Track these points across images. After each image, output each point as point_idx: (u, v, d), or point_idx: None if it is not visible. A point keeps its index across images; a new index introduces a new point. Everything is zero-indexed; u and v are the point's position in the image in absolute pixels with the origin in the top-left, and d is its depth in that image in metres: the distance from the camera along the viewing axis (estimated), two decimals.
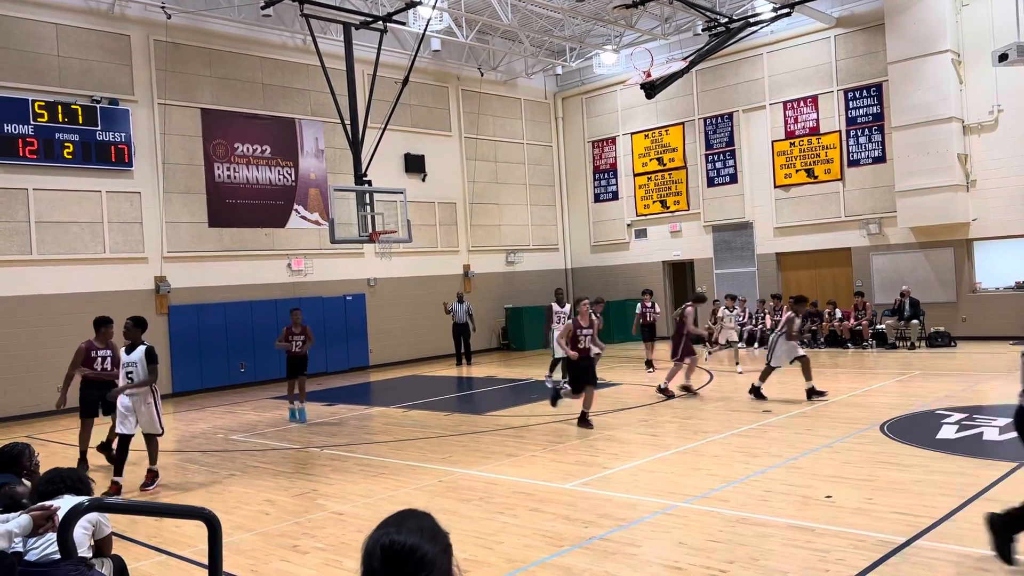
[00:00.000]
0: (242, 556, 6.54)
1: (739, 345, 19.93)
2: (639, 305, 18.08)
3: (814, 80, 21.72)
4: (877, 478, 7.72)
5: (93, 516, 4.43)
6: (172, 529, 7.41)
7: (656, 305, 18.40)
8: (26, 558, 4.08)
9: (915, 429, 9.95)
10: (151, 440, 9.40)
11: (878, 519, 6.45)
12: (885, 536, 6.03)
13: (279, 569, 6.24)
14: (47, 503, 3.97)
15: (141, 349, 9.28)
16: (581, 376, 11.43)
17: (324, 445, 11.25)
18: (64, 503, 3.90)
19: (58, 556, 3.86)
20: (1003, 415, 10.35)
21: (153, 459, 9.41)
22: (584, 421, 11.27)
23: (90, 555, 4.40)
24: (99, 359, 10.68)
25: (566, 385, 12.11)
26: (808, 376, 12.60)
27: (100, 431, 11.20)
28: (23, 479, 5.30)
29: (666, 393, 13.57)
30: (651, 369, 17.30)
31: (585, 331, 11.36)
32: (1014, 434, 9.19)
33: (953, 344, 18.47)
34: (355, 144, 16.72)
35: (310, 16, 16.79)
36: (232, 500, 8.47)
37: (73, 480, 4.52)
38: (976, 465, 8.02)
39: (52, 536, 3.83)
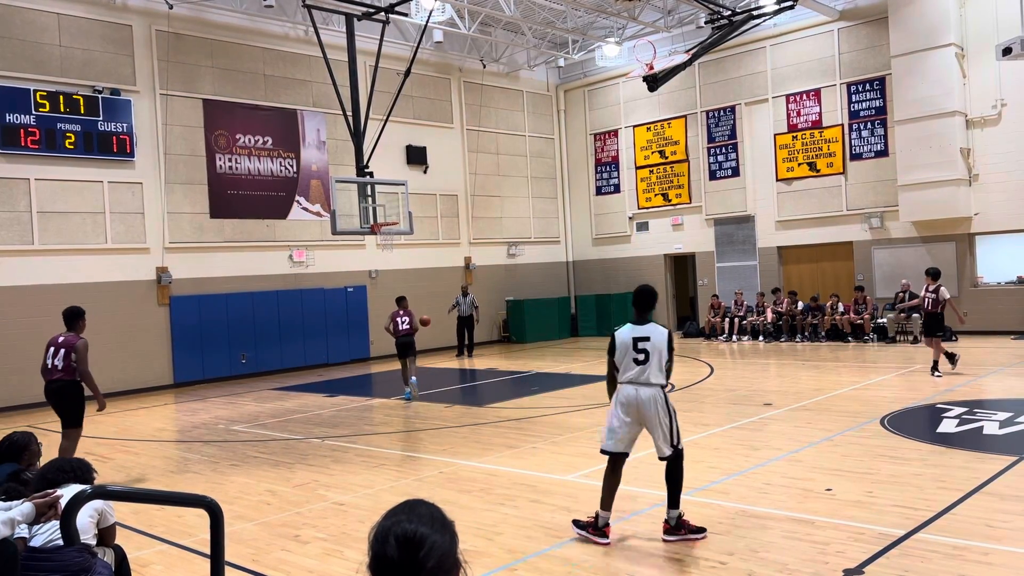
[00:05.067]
0: (243, 546, 6.57)
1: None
2: (943, 290, 13.95)
3: (817, 73, 21.66)
4: (877, 471, 7.73)
5: (99, 505, 4.45)
6: (174, 518, 7.43)
7: (943, 289, 13.97)
8: (31, 544, 4.11)
9: (915, 423, 9.97)
10: (678, 465, 6.22)
11: (878, 512, 6.46)
12: (885, 529, 6.05)
13: (280, 559, 6.26)
14: (51, 491, 3.98)
15: (659, 329, 6.23)
16: None
17: (325, 436, 11.28)
18: (68, 491, 3.92)
19: (62, 543, 3.88)
20: (1003, 409, 10.37)
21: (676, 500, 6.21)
22: None
23: (94, 543, 4.42)
24: None
25: None
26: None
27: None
28: (27, 468, 5.32)
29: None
30: (938, 372, 13.66)
31: None
32: (1015, 428, 9.23)
33: (954, 338, 18.45)
34: (357, 135, 16.72)
35: (312, 7, 16.78)
36: (233, 490, 8.50)
37: (79, 469, 4.54)
38: (976, 459, 8.03)
39: (57, 523, 3.85)
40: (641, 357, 6.15)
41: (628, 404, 6.18)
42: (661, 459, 6.21)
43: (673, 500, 6.16)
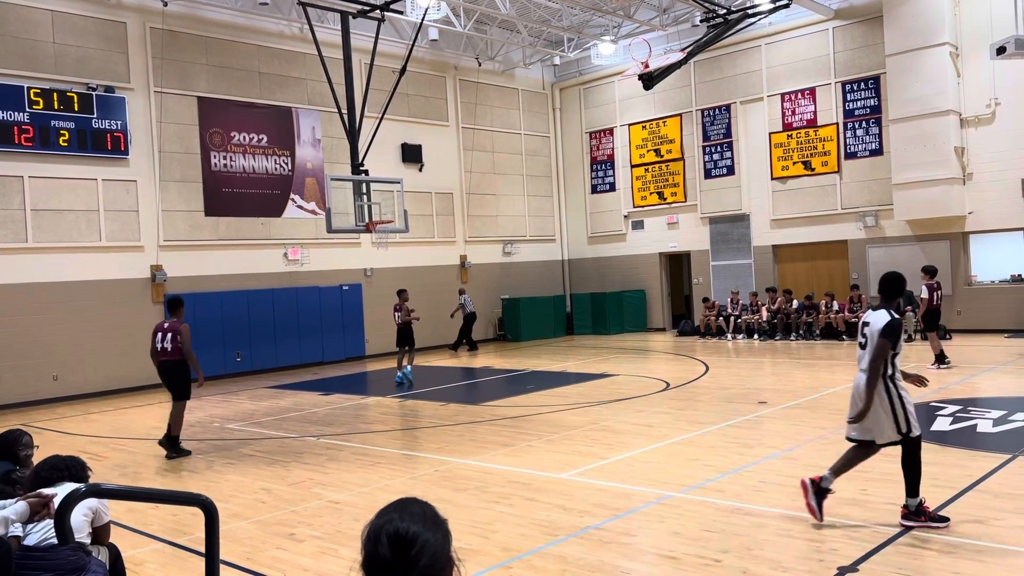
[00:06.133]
0: (238, 544, 6.56)
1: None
2: (924, 288, 14.47)
3: (812, 72, 21.70)
4: (871, 469, 7.72)
5: (93, 503, 4.43)
6: (169, 516, 7.42)
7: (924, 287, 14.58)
8: (24, 542, 4.09)
9: None
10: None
11: (872, 510, 6.48)
12: (879, 527, 6.07)
13: (275, 557, 6.25)
14: (44, 490, 3.97)
15: (880, 316, 6.24)
16: None
17: (320, 434, 11.27)
18: (62, 490, 3.91)
19: (56, 541, 3.87)
20: (997, 407, 10.40)
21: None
22: None
23: (88, 541, 4.41)
24: None
25: None
26: None
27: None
28: (19, 466, 5.31)
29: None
30: (946, 363, 14.04)
31: None
32: (1008, 426, 9.26)
33: (948, 337, 18.51)
34: (352, 133, 16.70)
35: (307, 4, 16.73)
36: (228, 489, 8.48)
37: (73, 467, 4.52)
38: (970, 457, 8.06)
39: (51, 521, 3.84)
40: (863, 341, 6.30)
41: (852, 388, 6.38)
42: (880, 444, 6.23)
43: (910, 488, 6.09)
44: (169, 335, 10.30)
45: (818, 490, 6.25)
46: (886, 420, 6.14)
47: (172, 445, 10.36)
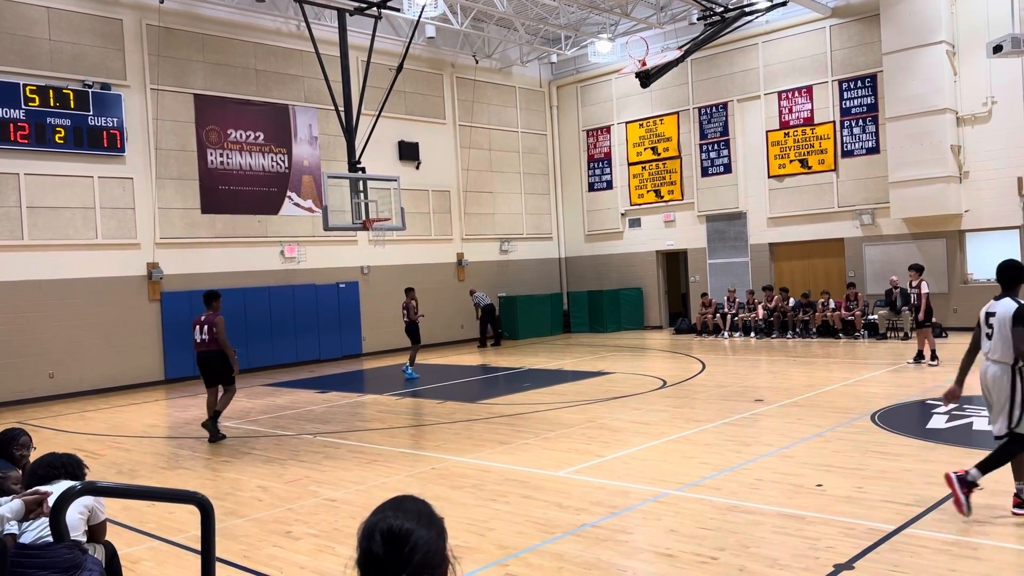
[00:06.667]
0: (235, 542, 6.55)
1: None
2: (924, 285, 14.94)
3: (809, 70, 21.71)
4: (867, 467, 7.77)
5: (89, 501, 4.43)
6: (165, 514, 7.41)
7: (924, 283, 14.99)
8: (20, 540, 4.09)
9: (905, 419, 10.01)
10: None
11: (868, 507, 6.49)
12: (875, 524, 6.08)
13: (272, 555, 6.25)
14: (40, 488, 3.97)
15: (1007, 305, 6.14)
16: None
17: (317, 432, 11.27)
18: (58, 488, 3.90)
19: (51, 539, 3.87)
20: None
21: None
22: None
23: (84, 539, 4.40)
24: None
25: None
26: None
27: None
28: (16, 464, 5.30)
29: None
30: (935, 361, 14.47)
31: None
32: None
33: (944, 335, 18.53)
34: (349, 131, 16.69)
35: (304, 1, 16.71)
36: (225, 486, 8.48)
37: (70, 465, 4.52)
38: (965, 454, 8.06)
39: (47, 519, 3.83)
40: (989, 331, 6.14)
41: (980, 379, 6.22)
42: (996, 438, 6.10)
43: (985, 463, 6.04)
44: (206, 327, 10.92)
45: None
46: (1001, 411, 6.03)
47: (214, 426, 10.95)
